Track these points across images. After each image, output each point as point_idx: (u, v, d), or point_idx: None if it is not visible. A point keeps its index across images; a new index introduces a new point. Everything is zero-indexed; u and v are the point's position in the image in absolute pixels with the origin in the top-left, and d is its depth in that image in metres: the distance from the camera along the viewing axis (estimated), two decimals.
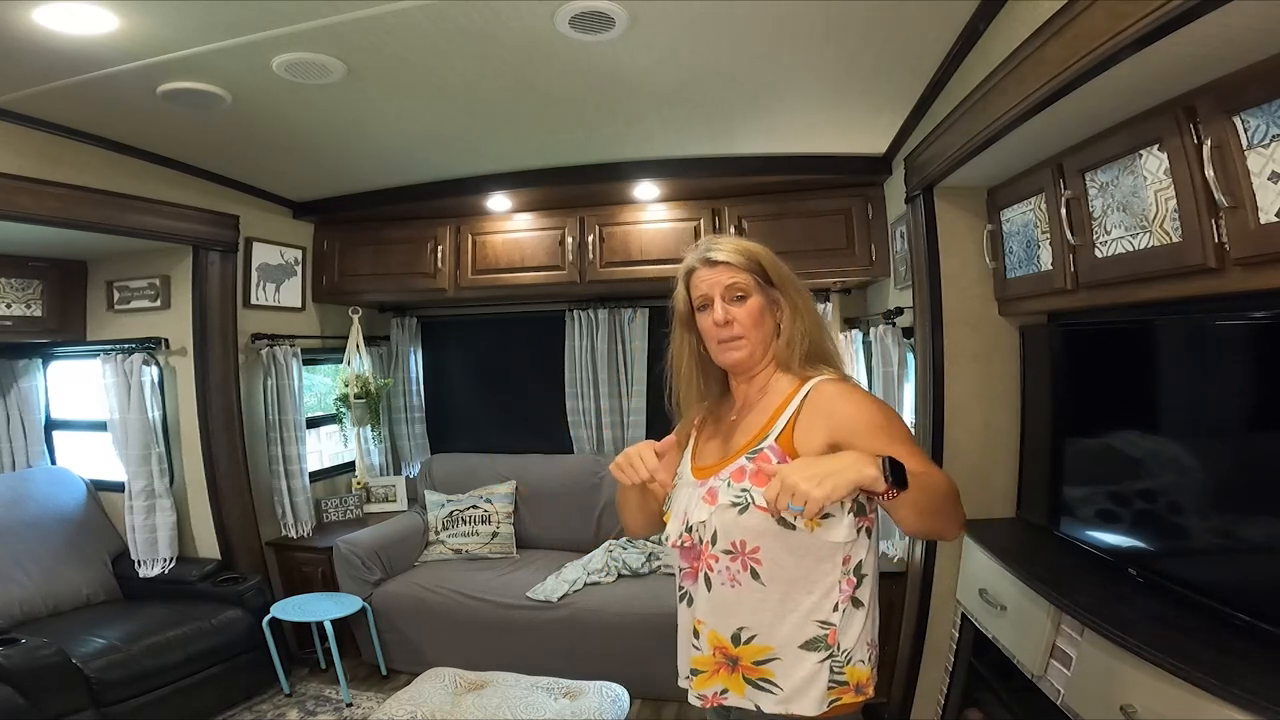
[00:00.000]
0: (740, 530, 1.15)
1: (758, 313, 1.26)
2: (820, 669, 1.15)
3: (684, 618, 1.28)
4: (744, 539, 1.15)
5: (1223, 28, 1.12)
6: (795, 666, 1.15)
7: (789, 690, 1.15)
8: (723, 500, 1.17)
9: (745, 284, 1.25)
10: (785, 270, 1.30)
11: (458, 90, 2.21)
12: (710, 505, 1.19)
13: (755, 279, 1.26)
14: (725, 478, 1.19)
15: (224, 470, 3.16)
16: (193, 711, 2.66)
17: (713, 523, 1.18)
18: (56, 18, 1.67)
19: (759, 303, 1.26)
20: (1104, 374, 1.90)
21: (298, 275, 3.63)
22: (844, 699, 1.16)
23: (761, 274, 1.26)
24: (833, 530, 1.14)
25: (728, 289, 1.25)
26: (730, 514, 1.16)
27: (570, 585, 3.01)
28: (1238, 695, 1.15)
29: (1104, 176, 1.68)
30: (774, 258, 1.29)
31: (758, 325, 1.26)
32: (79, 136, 2.50)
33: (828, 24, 1.79)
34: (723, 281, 1.25)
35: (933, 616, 2.42)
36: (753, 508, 1.14)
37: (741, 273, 1.25)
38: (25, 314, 3.12)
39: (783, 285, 1.28)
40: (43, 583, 2.87)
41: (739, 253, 1.27)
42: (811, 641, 1.15)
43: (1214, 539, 1.53)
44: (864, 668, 1.19)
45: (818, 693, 1.14)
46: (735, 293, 1.25)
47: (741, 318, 1.25)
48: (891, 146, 2.71)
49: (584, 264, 3.35)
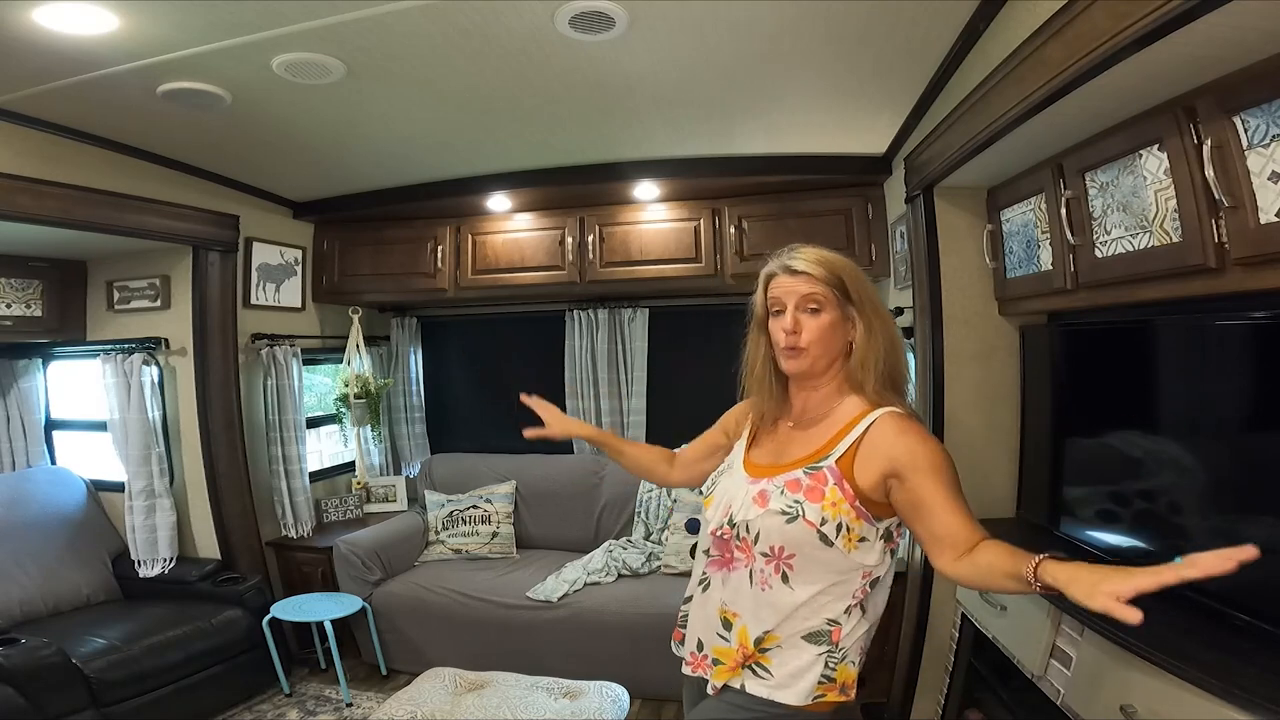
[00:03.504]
0: (782, 537, 1.19)
1: (828, 327, 1.26)
2: (816, 661, 1.20)
3: (708, 604, 1.30)
4: (783, 545, 1.19)
5: (1222, 28, 1.12)
6: (794, 655, 1.20)
7: (780, 677, 1.20)
8: (773, 506, 1.20)
9: (822, 296, 1.25)
10: (868, 290, 1.29)
11: (457, 90, 2.21)
12: (760, 508, 1.22)
13: (834, 293, 1.25)
14: (780, 485, 1.22)
15: (224, 470, 3.16)
16: (193, 711, 2.66)
17: (758, 524, 1.21)
18: (56, 18, 1.67)
19: (832, 318, 1.26)
20: (1104, 374, 1.90)
21: (298, 275, 3.63)
22: (828, 695, 1.20)
23: (841, 289, 1.26)
24: (867, 553, 1.20)
25: (804, 299, 1.25)
26: (778, 520, 1.19)
27: (570, 585, 3.01)
28: (1238, 695, 1.15)
29: (1104, 176, 1.68)
30: (859, 274, 1.29)
31: (824, 339, 1.26)
32: (79, 136, 2.50)
33: (828, 24, 1.79)
34: (800, 291, 1.26)
35: (933, 616, 2.42)
36: (801, 520, 1.17)
37: (820, 284, 1.25)
38: (25, 314, 3.12)
39: (861, 304, 1.27)
40: (43, 583, 2.87)
41: (820, 264, 1.26)
42: (815, 634, 1.20)
43: (1214, 539, 1.53)
44: (853, 669, 1.23)
45: (807, 685, 1.19)
46: (810, 304, 1.25)
47: (810, 329, 1.25)
48: (891, 146, 2.71)
49: (584, 264, 3.35)
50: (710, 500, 1.35)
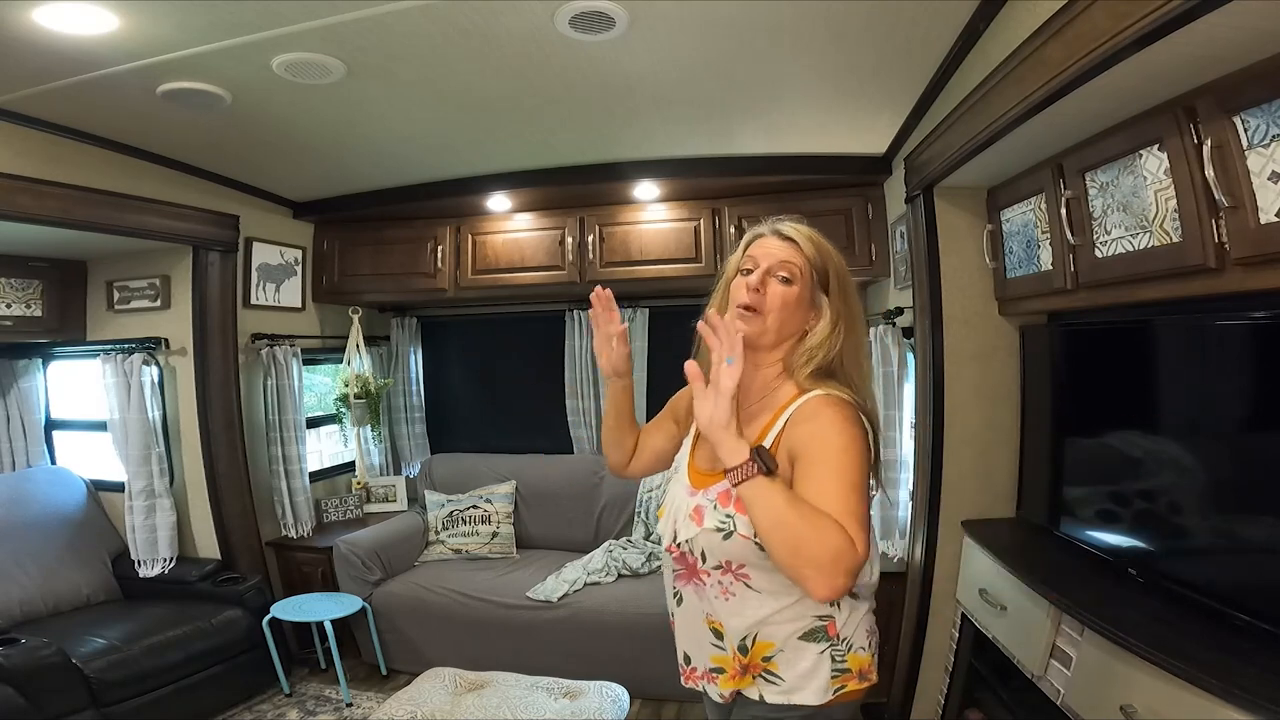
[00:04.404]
0: (725, 552, 1.14)
1: (794, 301, 1.19)
2: (821, 659, 1.16)
3: (689, 617, 1.26)
4: (729, 559, 1.15)
5: (1222, 28, 1.12)
6: (797, 658, 1.16)
7: (791, 680, 1.16)
8: (708, 524, 1.15)
9: (799, 269, 1.20)
10: (850, 289, 1.24)
11: (457, 90, 2.21)
12: (698, 525, 1.17)
13: (813, 273, 1.21)
14: (713, 498, 1.17)
15: (224, 470, 3.16)
16: (193, 711, 2.66)
17: (699, 543, 1.17)
18: (56, 18, 1.67)
19: (799, 294, 1.20)
20: (1104, 374, 1.90)
21: (298, 275, 3.63)
22: (849, 686, 1.17)
23: (823, 273, 1.21)
24: None
25: (780, 264, 1.20)
26: (715, 538, 1.14)
27: (570, 585, 3.01)
28: (1238, 695, 1.15)
29: (1104, 176, 1.68)
30: (846, 272, 1.24)
31: (784, 311, 1.19)
32: (79, 136, 2.50)
33: (828, 24, 1.79)
34: (779, 256, 1.20)
35: (933, 616, 2.42)
36: (736, 535, 1.12)
37: (801, 258, 1.20)
38: (25, 314, 3.12)
39: (835, 297, 1.21)
40: (43, 583, 2.87)
41: (812, 241, 1.22)
42: (811, 633, 1.16)
43: (1214, 539, 1.53)
44: (865, 654, 1.20)
45: (820, 682, 1.15)
46: (784, 270, 1.19)
47: (775, 295, 1.19)
48: (891, 146, 2.70)
49: (584, 264, 3.35)
50: (662, 511, 1.29)
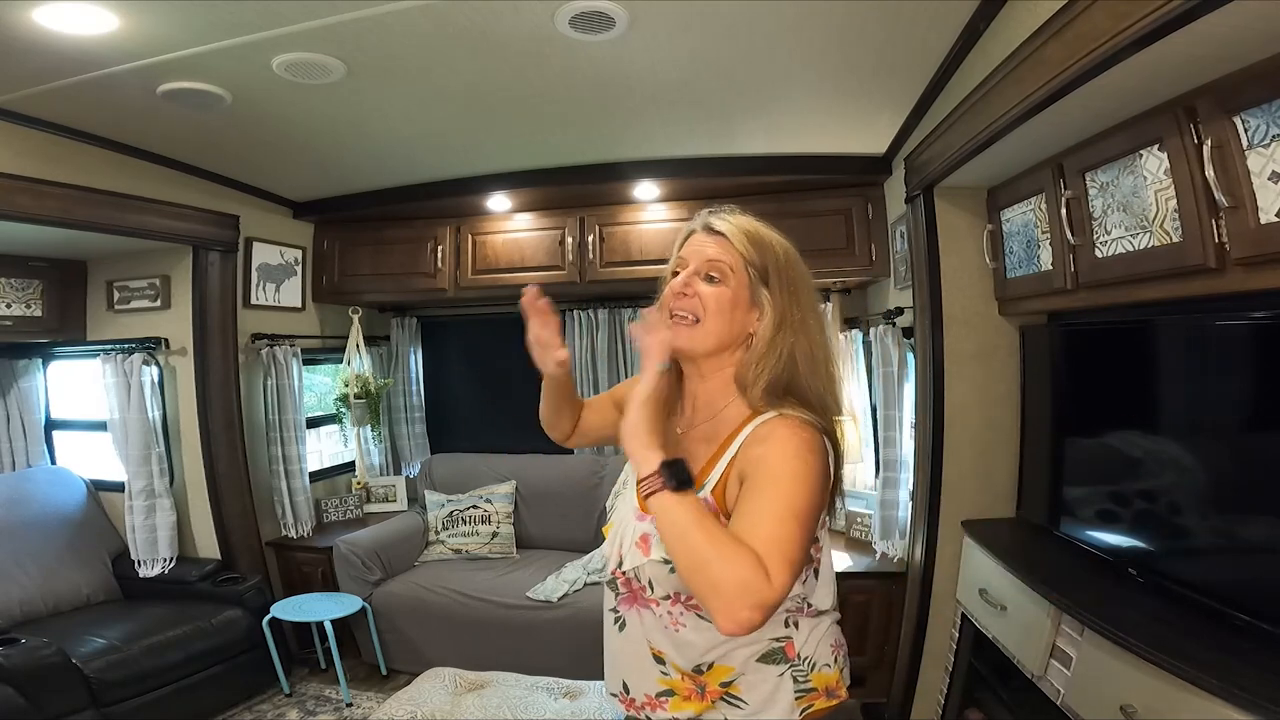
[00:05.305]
0: (673, 584, 1.06)
1: (726, 303, 1.07)
2: (782, 681, 1.09)
3: (631, 643, 1.15)
4: (678, 590, 1.07)
5: (1222, 28, 1.12)
6: (759, 680, 1.09)
7: (755, 704, 1.09)
8: (654, 555, 1.06)
9: (729, 267, 1.08)
10: (796, 280, 1.10)
11: (457, 90, 2.21)
12: (644, 555, 1.07)
13: (747, 270, 1.08)
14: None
15: (224, 470, 3.16)
16: (193, 711, 2.66)
17: (646, 573, 1.08)
18: (56, 18, 1.67)
19: (733, 294, 1.08)
20: (1104, 374, 1.90)
21: (298, 275, 3.63)
22: (816, 704, 1.11)
23: (760, 269, 1.08)
24: None
25: (708, 263, 1.08)
26: (662, 569, 1.05)
27: (570, 585, 3.01)
28: (1238, 695, 1.15)
29: (1104, 176, 1.68)
30: (792, 259, 1.11)
31: (719, 315, 1.07)
32: (79, 136, 2.50)
33: (828, 24, 1.79)
34: (706, 254, 1.09)
35: (933, 616, 2.42)
36: None
37: (733, 254, 1.08)
38: (25, 314, 3.12)
39: (778, 290, 1.08)
40: (43, 583, 2.87)
41: (744, 233, 1.09)
42: (768, 655, 1.09)
43: (1214, 539, 1.53)
44: (830, 671, 1.14)
45: (785, 703, 1.09)
46: (712, 270, 1.08)
47: (706, 296, 1.07)
48: (891, 146, 2.70)
49: (584, 264, 3.35)
50: (609, 528, 1.19)
